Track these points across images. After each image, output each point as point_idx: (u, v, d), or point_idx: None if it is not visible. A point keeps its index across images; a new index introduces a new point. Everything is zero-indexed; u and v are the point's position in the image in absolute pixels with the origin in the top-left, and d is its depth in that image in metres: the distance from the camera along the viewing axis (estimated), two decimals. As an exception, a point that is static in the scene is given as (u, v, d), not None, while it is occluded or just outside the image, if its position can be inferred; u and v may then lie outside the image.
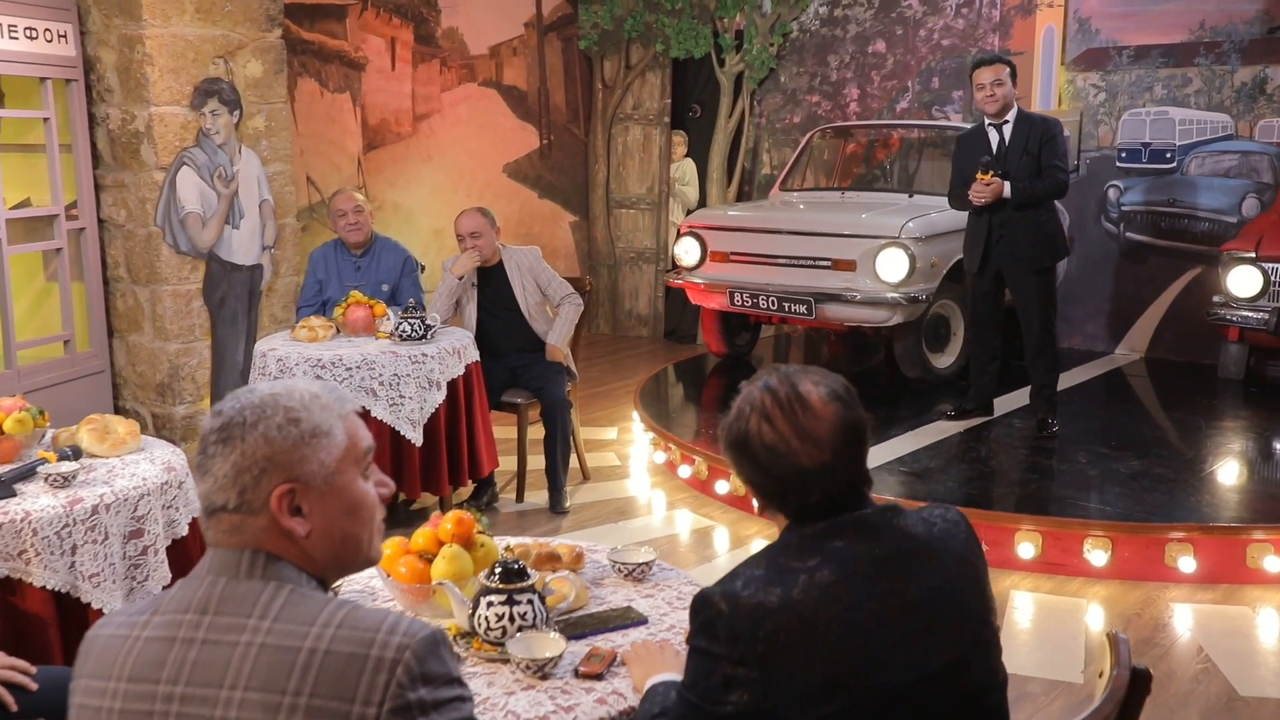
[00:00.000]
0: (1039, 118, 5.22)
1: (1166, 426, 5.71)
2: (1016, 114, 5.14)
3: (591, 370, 8.03)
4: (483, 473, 4.90)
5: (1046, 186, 5.07)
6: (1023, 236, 5.12)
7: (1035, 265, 5.16)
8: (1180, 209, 7.03)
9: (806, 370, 1.74)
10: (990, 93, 5.08)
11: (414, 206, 7.87)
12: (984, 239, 5.20)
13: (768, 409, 1.69)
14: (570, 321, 5.22)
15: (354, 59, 7.35)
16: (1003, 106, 5.10)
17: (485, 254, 5.09)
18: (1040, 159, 5.06)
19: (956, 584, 1.69)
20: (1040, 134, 5.06)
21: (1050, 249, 5.21)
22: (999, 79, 5.07)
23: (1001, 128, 5.14)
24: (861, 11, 8.08)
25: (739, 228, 6.47)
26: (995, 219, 5.15)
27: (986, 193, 5.05)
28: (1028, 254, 5.14)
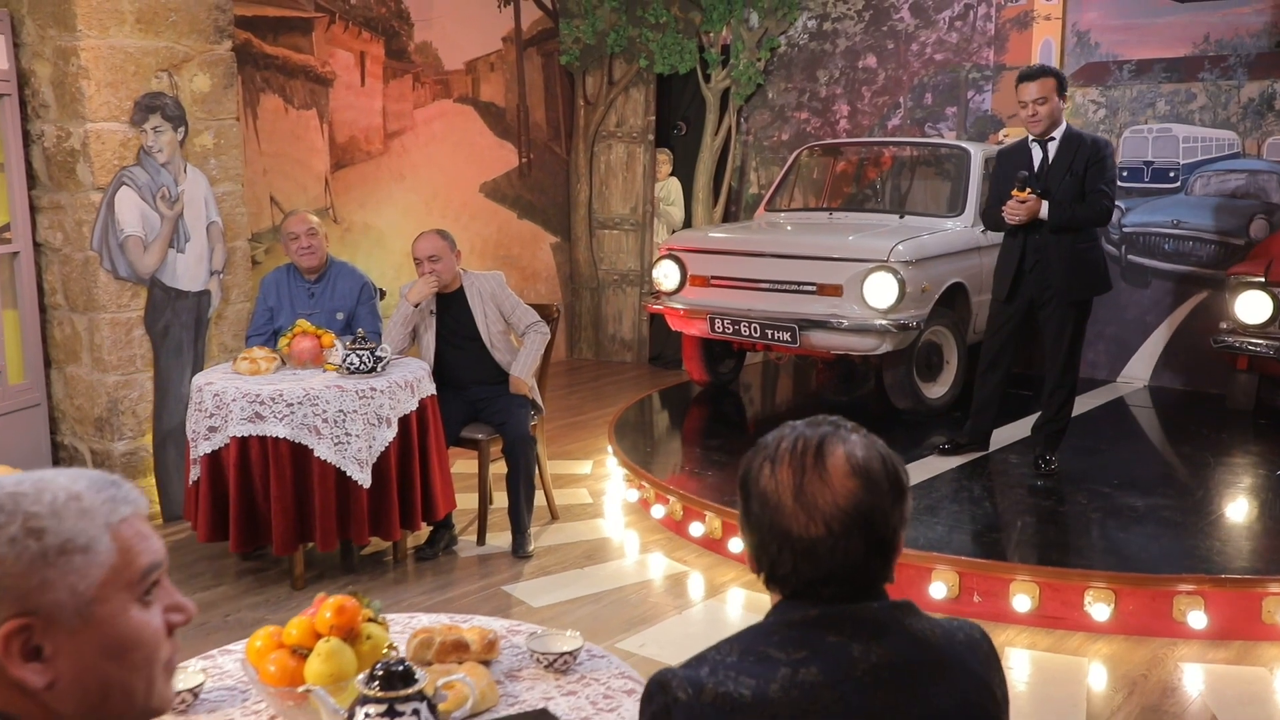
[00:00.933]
0: (1089, 137, 4.78)
1: (1173, 462, 5.36)
2: (1064, 131, 4.76)
3: (570, 398, 7.70)
4: (438, 515, 4.56)
5: (1089, 212, 4.68)
6: (1058, 264, 4.73)
7: (1071, 296, 4.78)
8: (1185, 230, 6.71)
9: (862, 433, 1.47)
10: (1033, 112, 4.69)
11: (385, 228, 7.55)
12: (1016, 264, 4.84)
13: (780, 453, 1.45)
14: (536, 351, 4.89)
15: (321, 74, 7.04)
16: (1049, 125, 4.71)
17: (444, 279, 4.76)
18: (1085, 182, 4.68)
19: (972, 712, 1.38)
20: (1088, 155, 4.67)
21: (1089, 280, 4.82)
22: (1043, 96, 4.66)
23: (1046, 144, 4.77)
24: (851, 25, 7.78)
25: (719, 250, 6.14)
26: (1030, 243, 4.79)
27: (1021, 211, 4.67)
28: (1063, 284, 4.75)
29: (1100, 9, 6.82)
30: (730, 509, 4.64)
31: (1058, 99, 4.70)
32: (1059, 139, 4.74)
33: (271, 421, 4.09)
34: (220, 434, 4.15)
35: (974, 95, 7.28)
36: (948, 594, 4.05)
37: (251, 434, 4.11)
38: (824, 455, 1.41)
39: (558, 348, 9.00)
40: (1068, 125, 4.78)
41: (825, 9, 7.88)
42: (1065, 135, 4.75)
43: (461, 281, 4.88)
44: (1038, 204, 4.67)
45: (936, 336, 6.07)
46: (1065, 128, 4.77)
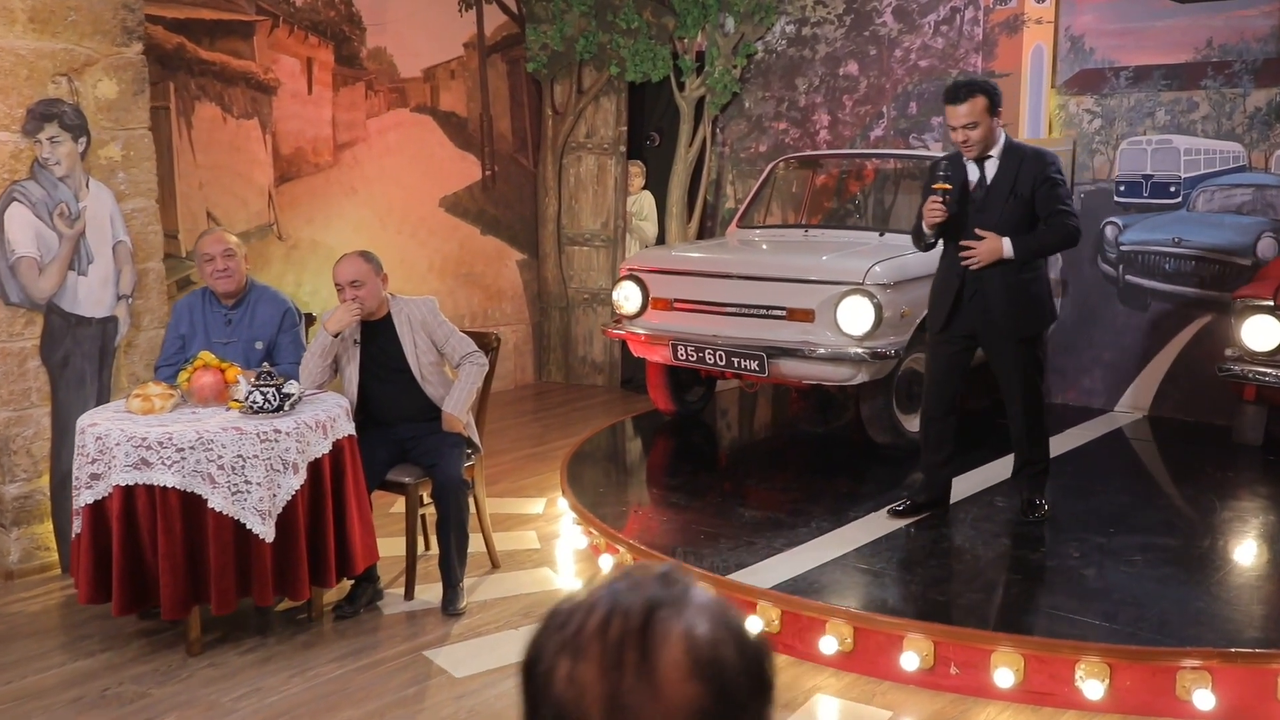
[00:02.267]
0: (1031, 151, 4.24)
1: (1174, 506, 4.89)
2: (1003, 147, 4.24)
3: (533, 425, 7.24)
4: (356, 569, 4.09)
5: (1055, 237, 4.17)
6: (999, 298, 4.24)
7: (1015, 334, 4.31)
8: (1187, 249, 6.25)
9: (707, 598, 0.97)
10: (964, 138, 4.17)
11: (336, 245, 7.07)
12: (954, 295, 4.34)
13: (585, 639, 0.94)
14: (472, 385, 4.43)
15: (263, 81, 6.59)
16: (984, 148, 4.19)
17: (368, 306, 4.31)
18: (1035, 204, 4.17)
19: None
20: (1033, 173, 4.14)
21: (1034, 314, 4.34)
22: (973, 120, 4.12)
23: (983, 163, 4.25)
24: (831, 30, 7.34)
25: (683, 271, 5.68)
26: (969, 274, 4.28)
27: (982, 252, 4.15)
28: (1006, 321, 4.28)
29: (1095, 12, 6.38)
30: (688, 565, 4.17)
31: (990, 119, 4.15)
32: (997, 156, 4.23)
33: (159, 469, 3.63)
34: (103, 482, 3.69)
35: (961, 104, 6.82)
36: (921, 665, 3.58)
37: (137, 482, 3.65)
38: (651, 643, 0.92)
39: (525, 370, 8.57)
40: (1006, 139, 4.24)
41: (804, 13, 7.44)
42: (1004, 151, 4.22)
43: (389, 308, 4.41)
44: (996, 241, 4.14)
45: (918, 365, 5.60)
46: (1003, 143, 4.23)
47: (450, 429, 4.35)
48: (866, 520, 4.59)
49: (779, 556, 4.20)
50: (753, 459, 5.93)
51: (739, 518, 4.69)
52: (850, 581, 3.98)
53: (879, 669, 3.66)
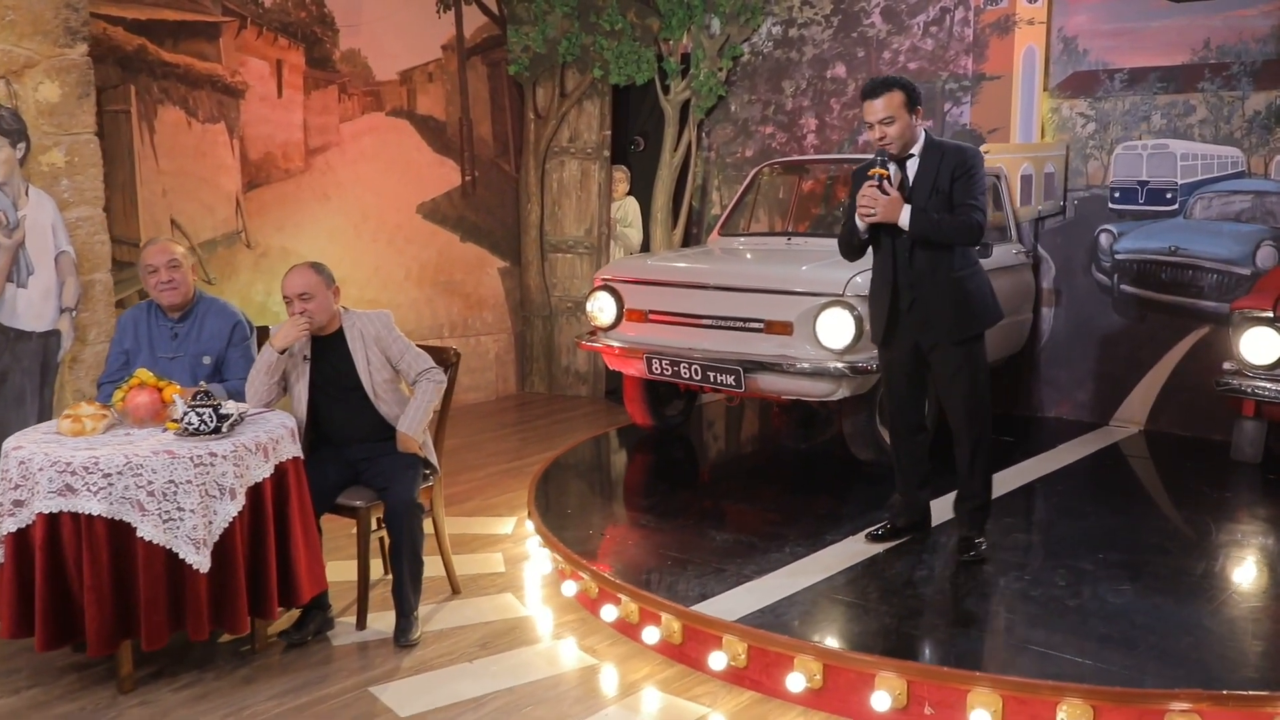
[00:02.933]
0: (953, 147, 4.05)
1: (1168, 530, 4.65)
2: (924, 145, 4.04)
3: (511, 439, 7.03)
4: (300, 599, 3.87)
5: (955, 224, 3.92)
6: (937, 299, 4.03)
7: (957, 336, 4.07)
8: (1183, 258, 6.03)
9: None
10: (880, 134, 3.97)
11: (307, 252, 6.87)
12: (888, 306, 4.13)
13: None
14: (428, 403, 4.22)
15: (230, 84, 6.39)
16: (902, 145, 3.98)
17: (318, 320, 4.10)
18: (953, 196, 3.97)
19: None
20: (953, 167, 3.96)
21: (974, 312, 4.10)
22: (889, 115, 3.93)
23: (905, 163, 4.05)
24: (819, 31, 7.12)
25: (658, 281, 5.46)
26: (902, 279, 4.07)
27: (879, 204, 3.91)
28: (946, 323, 4.05)
29: (1089, 12, 6.16)
30: (648, 592, 3.96)
31: (909, 115, 3.96)
32: (919, 154, 4.03)
33: (84, 495, 3.41)
34: (26, 509, 3.48)
35: (951, 108, 6.62)
36: (893, 704, 3.36)
37: (62, 510, 3.44)
38: None
39: (508, 380, 8.36)
40: (927, 136, 4.05)
41: (791, 14, 7.23)
42: (925, 148, 4.03)
43: (340, 322, 4.20)
44: (899, 202, 3.92)
45: (903, 378, 5.38)
46: (924, 140, 4.03)
47: (405, 449, 4.14)
48: (844, 545, 4.37)
49: (749, 585, 3.98)
50: (731, 477, 5.71)
51: (710, 542, 4.47)
52: (822, 613, 3.76)
53: (850, 708, 3.44)
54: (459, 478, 6.07)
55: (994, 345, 6.12)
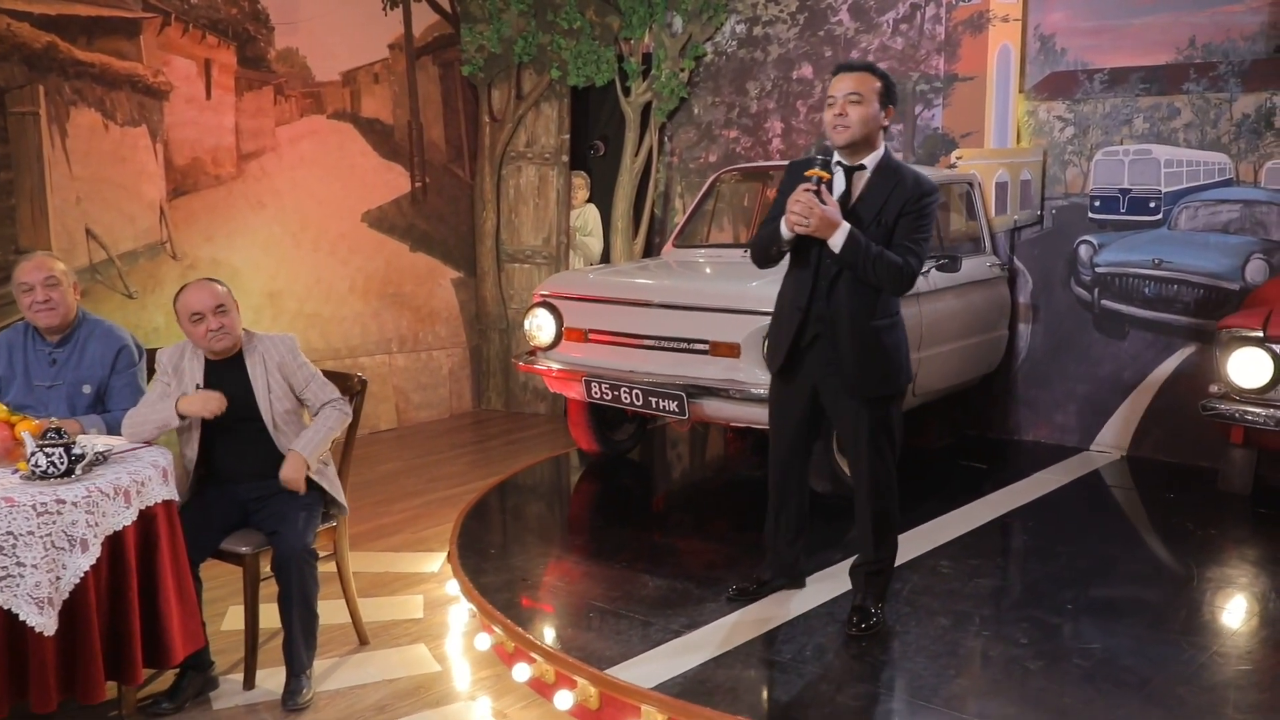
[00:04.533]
0: (911, 175, 3.47)
1: (1146, 575, 4.23)
2: (880, 161, 3.51)
3: (458, 461, 6.61)
4: (174, 659, 3.45)
5: (888, 264, 3.37)
6: (847, 346, 3.49)
7: (865, 391, 3.54)
8: (1168, 272, 5.63)
9: None
10: (841, 110, 3.43)
11: (240, 264, 6.49)
12: (794, 333, 3.60)
13: None
14: (329, 430, 3.80)
15: (152, 85, 5.99)
16: (857, 139, 3.42)
17: (227, 341, 3.72)
18: (895, 232, 3.45)
19: None
20: (905, 200, 3.43)
21: (886, 371, 3.53)
22: (857, 92, 3.41)
23: (853, 173, 3.52)
24: (784, 29, 6.72)
25: (598, 298, 5.06)
26: (815, 310, 3.54)
27: (814, 215, 3.32)
28: (852, 375, 3.52)
29: (1067, 8, 5.76)
30: (562, 651, 3.55)
31: (878, 109, 3.43)
32: (871, 169, 3.50)
33: (-92, 549, 3.00)
34: None
35: (922, 110, 6.21)
36: (827, 789, 2.96)
37: (-115, 565, 3.03)
38: None
39: (462, 397, 7.96)
40: (887, 153, 3.52)
41: (755, 11, 6.83)
42: (880, 166, 3.50)
43: (241, 346, 3.80)
44: (837, 224, 3.34)
45: (863, 403, 4.98)
46: (882, 156, 3.50)
47: (292, 472, 3.69)
48: (785, 594, 3.96)
49: (676, 643, 3.57)
50: (677, 509, 5.30)
51: (642, 588, 4.06)
52: (752, 678, 3.35)
53: (778, 791, 3.04)
54: (394, 506, 5.67)
55: (969, 363, 5.75)
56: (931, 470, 5.60)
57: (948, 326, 5.40)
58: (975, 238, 5.92)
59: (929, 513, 4.81)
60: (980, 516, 4.83)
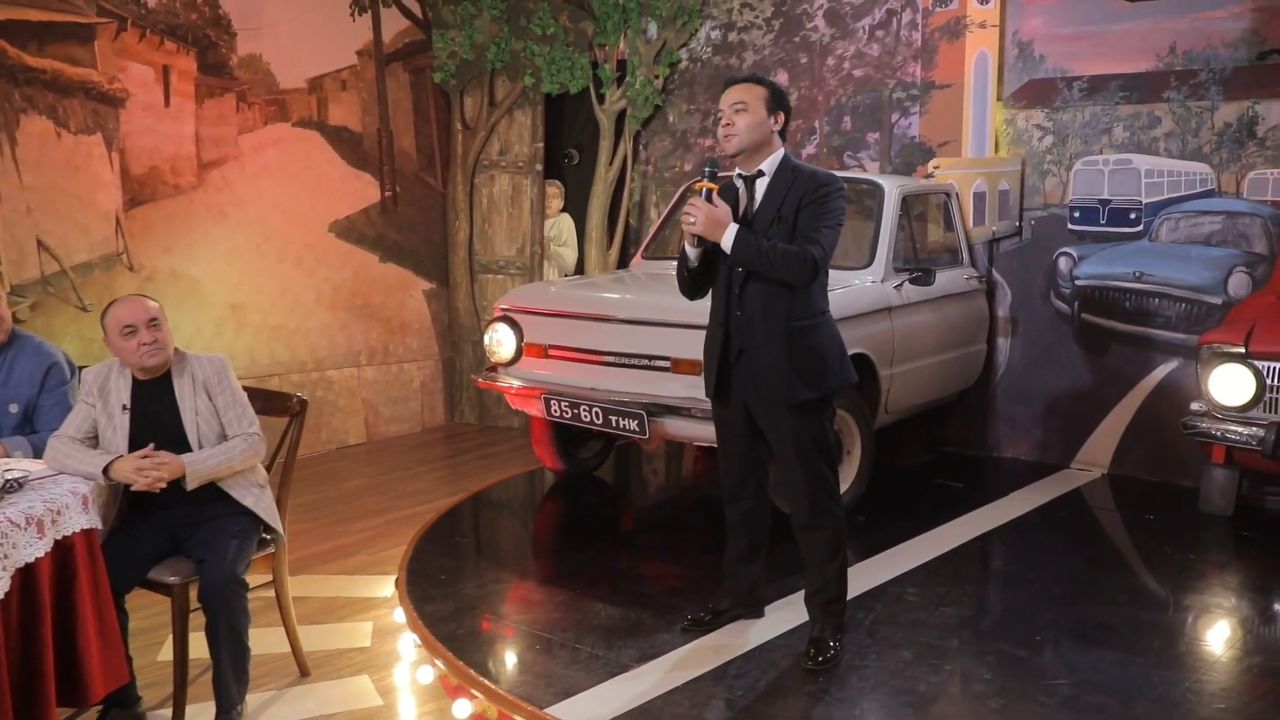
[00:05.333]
0: (808, 171, 3.41)
1: (1121, 603, 4.05)
2: (778, 164, 3.42)
3: (426, 478, 6.43)
4: (93, 696, 3.28)
5: (784, 254, 3.27)
6: (766, 351, 3.39)
7: (787, 398, 3.40)
8: (1149, 285, 5.47)
9: None
10: (727, 121, 3.38)
11: (201, 276, 6.33)
12: (719, 352, 3.51)
13: None
14: (227, 458, 3.54)
15: (108, 92, 5.83)
16: (746, 145, 3.37)
17: (159, 358, 3.54)
18: (796, 226, 3.35)
19: None
20: (803, 193, 3.34)
21: (810, 372, 3.38)
22: (740, 102, 3.36)
23: (754, 182, 3.44)
24: (760, 35, 6.57)
25: (558, 312, 4.89)
26: (734, 322, 3.45)
27: (700, 213, 3.28)
28: (773, 380, 3.39)
29: (1045, 14, 5.61)
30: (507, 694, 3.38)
31: (767, 116, 3.38)
32: (770, 174, 3.42)
33: None
34: None
35: (899, 118, 6.06)
36: (772, 839, 2.79)
37: None
38: None
39: (435, 410, 7.79)
40: (785, 157, 3.44)
41: (730, 17, 6.68)
42: (779, 169, 3.42)
43: (170, 365, 3.63)
44: (726, 218, 3.30)
45: (837, 423, 4.82)
46: (780, 159, 3.42)
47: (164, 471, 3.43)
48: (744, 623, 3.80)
49: (625, 677, 3.41)
50: (641, 531, 5.13)
51: (594, 618, 3.90)
52: (701, 717, 3.18)
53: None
54: (354, 525, 5.50)
55: (945, 379, 5.59)
56: (904, 489, 5.44)
57: (922, 341, 5.24)
58: (952, 249, 5.77)
59: (898, 535, 4.65)
60: (952, 539, 4.67)
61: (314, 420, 6.91)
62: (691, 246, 3.42)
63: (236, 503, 3.64)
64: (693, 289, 3.57)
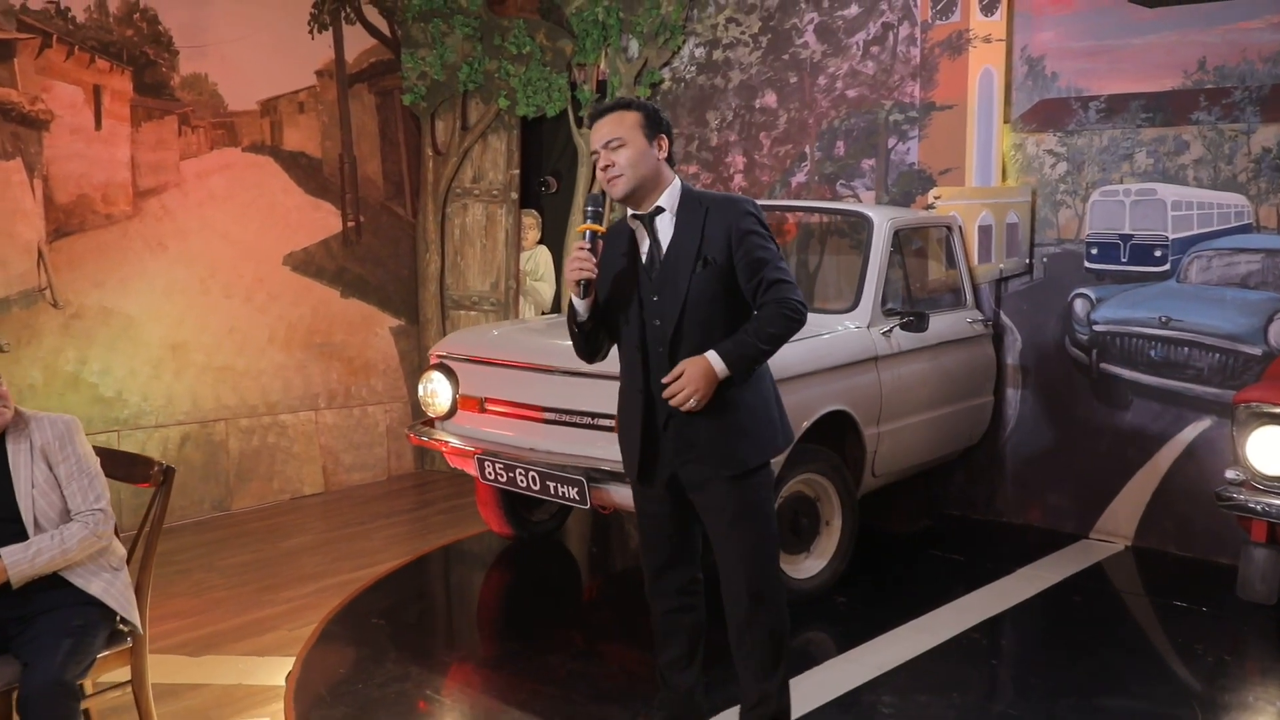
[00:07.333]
0: (718, 198, 2.87)
1: (1140, 713, 3.40)
2: (680, 198, 2.87)
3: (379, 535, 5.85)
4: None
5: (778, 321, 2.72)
6: (705, 415, 2.79)
7: (727, 468, 2.84)
8: (1177, 332, 4.82)
9: None
10: (605, 161, 2.82)
11: (136, 313, 5.81)
12: (640, 422, 2.90)
13: None
14: (59, 551, 2.99)
15: (29, 113, 5.35)
16: (635, 185, 2.81)
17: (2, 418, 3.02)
18: (737, 269, 2.77)
19: None
20: (727, 226, 2.77)
21: (750, 437, 2.85)
22: (616, 138, 2.80)
23: (654, 220, 2.86)
24: (746, 53, 6.00)
25: (494, 360, 4.32)
26: (656, 386, 2.84)
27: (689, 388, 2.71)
28: (708, 451, 2.83)
29: (1058, 27, 5.00)
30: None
31: (649, 145, 2.81)
32: (671, 211, 2.86)
33: None
34: None
35: (896, 143, 5.46)
36: None
37: None
38: None
39: (402, 457, 7.24)
40: (684, 188, 2.90)
41: (715, 33, 6.12)
42: (683, 202, 2.86)
43: (7, 429, 3.09)
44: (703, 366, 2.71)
45: (807, 487, 4.21)
46: (679, 191, 2.88)
47: None
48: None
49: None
50: (580, 613, 4.49)
51: (507, 729, 3.30)
52: None
53: None
54: (280, 594, 4.92)
55: (945, 436, 4.96)
56: (894, 563, 4.79)
57: (916, 394, 4.63)
58: (955, 289, 5.15)
59: (881, 623, 4.01)
60: (946, 628, 4.02)
61: (265, 468, 6.38)
62: (578, 297, 2.85)
63: (80, 591, 3.09)
64: (588, 349, 2.99)
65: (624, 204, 2.89)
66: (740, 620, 2.92)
